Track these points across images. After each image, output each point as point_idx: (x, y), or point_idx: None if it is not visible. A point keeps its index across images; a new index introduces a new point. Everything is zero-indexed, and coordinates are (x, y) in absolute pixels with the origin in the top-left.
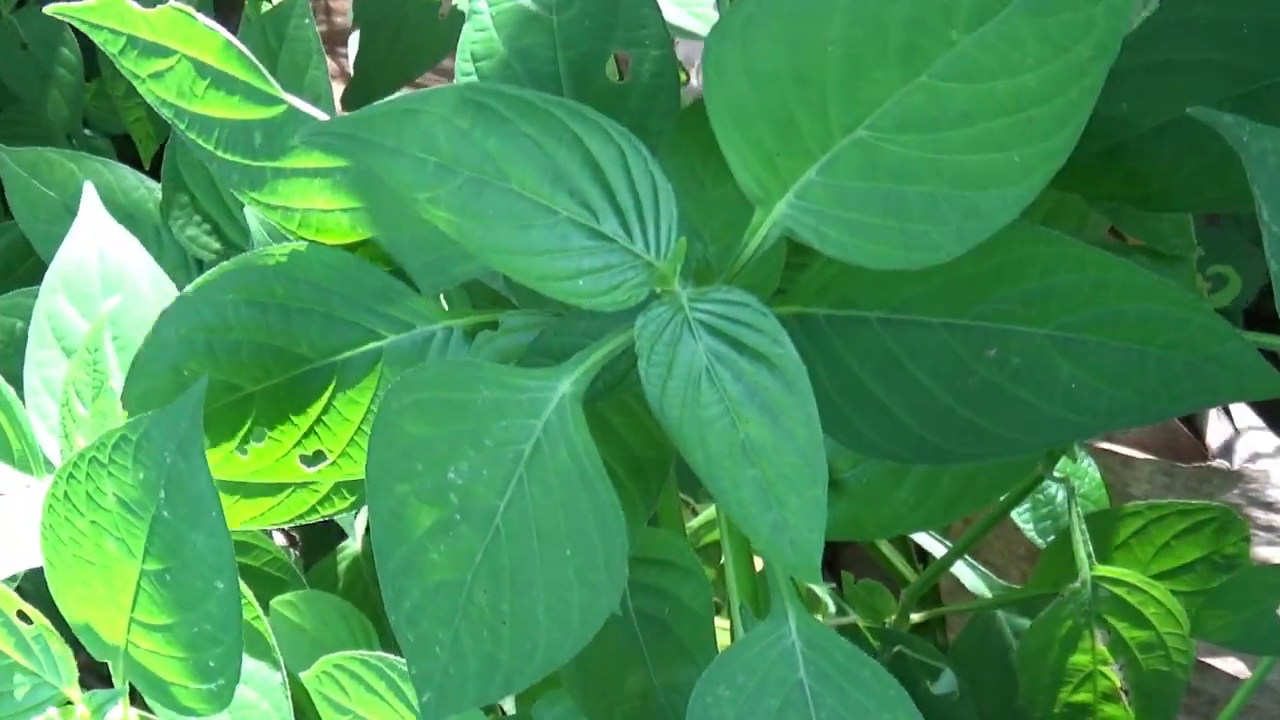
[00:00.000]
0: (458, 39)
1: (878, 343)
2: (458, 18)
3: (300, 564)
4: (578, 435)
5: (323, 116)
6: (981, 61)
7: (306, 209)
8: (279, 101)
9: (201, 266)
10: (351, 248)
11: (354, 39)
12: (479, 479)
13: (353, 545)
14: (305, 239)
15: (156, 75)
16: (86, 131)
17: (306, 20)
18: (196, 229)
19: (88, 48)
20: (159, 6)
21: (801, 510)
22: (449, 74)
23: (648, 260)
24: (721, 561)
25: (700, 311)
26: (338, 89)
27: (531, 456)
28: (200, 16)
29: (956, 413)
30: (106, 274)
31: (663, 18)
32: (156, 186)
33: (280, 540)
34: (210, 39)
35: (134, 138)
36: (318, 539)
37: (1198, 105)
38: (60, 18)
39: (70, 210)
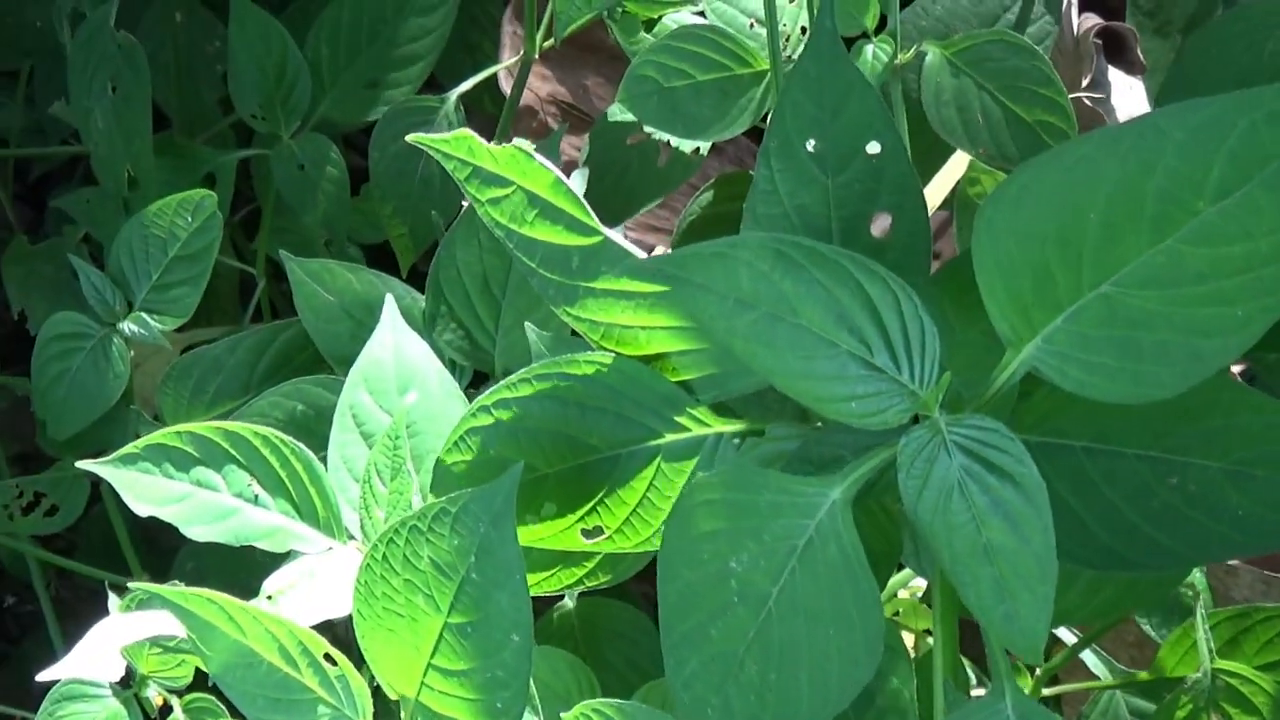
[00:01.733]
0: (673, 184)
1: (1078, 467)
2: (674, 165)
3: None
4: (846, 533)
5: (634, 250)
6: (1222, 228)
7: (610, 324)
8: (596, 233)
9: (456, 368)
10: (644, 360)
11: (576, 176)
12: (757, 568)
13: (568, 604)
14: (606, 349)
15: (494, 201)
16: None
17: (556, 162)
18: (452, 335)
19: (353, 170)
20: (503, 144)
21: (1032, 604)
22: (658, 213)
23: (912, 390)
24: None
25: (955, 434)
26: None
27: (804, 550)
28: (536, 155)
29: (1141, 529)
30: (401, 372)
31: (920, 187)
32: (419, 296)
33: None
34: (543, 175)
35: (396, 250)
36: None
37: None
38: (419, 145)
39: (347, 313)
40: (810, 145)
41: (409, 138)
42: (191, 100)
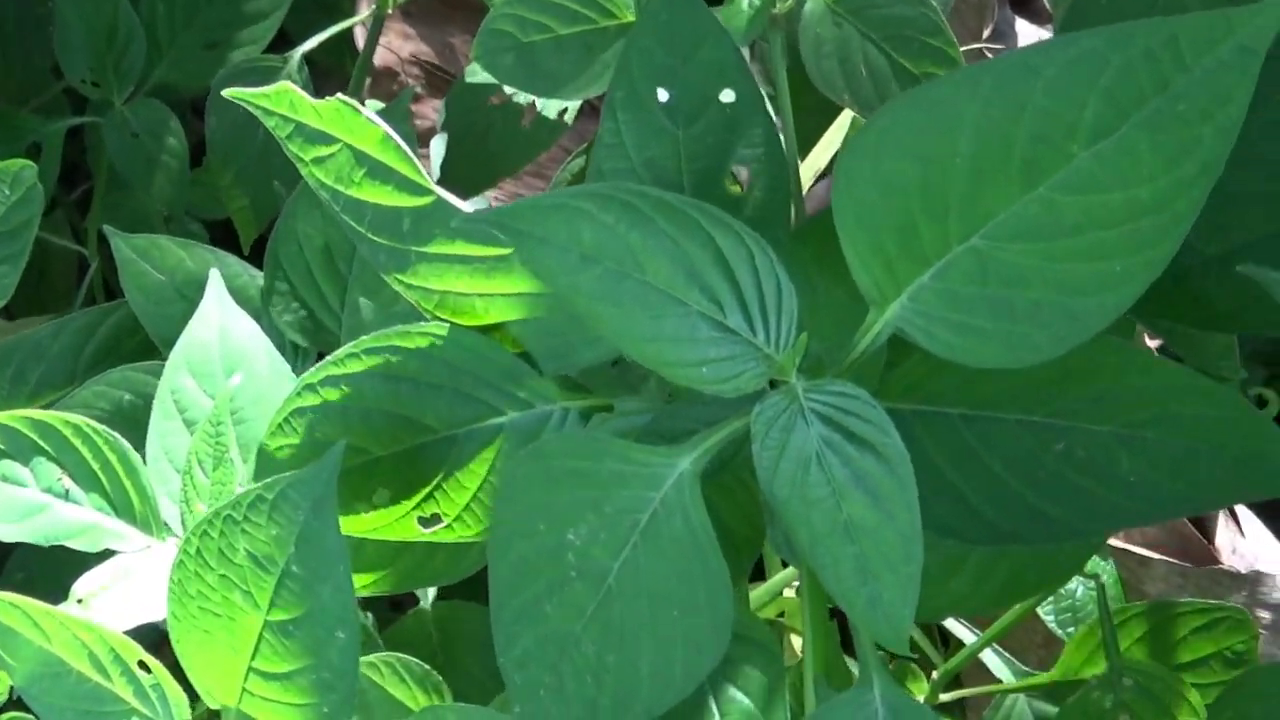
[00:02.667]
0: (538, 147)
1: (957, 436)
2: (539, 127)
3: (374, 625)
4: (693, 508)
5: (467, 209)
6: (1098, 175)
7: (445, 291)
8: (429, 192)
9: (297, 350)
10: (483, 330)
11: (435, 143)
12: (596, 541)
13: (424, 605)
14: (441, 319)
15: (319, 160)
16: (184, 216)
17: (406, 126)
18: (293, 315)
19: (193, 139)
20: (327, 99)
21: (896, 586)
22: (524, 178)
23: (768, 353)
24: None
25: (813, 401)
26: None
27: (648, 524)
28: (363, 109)
29: (1025, 499)
30: (227, 354)
31: (778, 138)
32: (257, 274)
33: None
34: (371, 131)
35: (236, 224)
36: (378, 602)
37: (1258, 234)
38: (236, 101)
39: (179, 293)
40: (660, 95)
41: (226, 92)
42: (20, 65)
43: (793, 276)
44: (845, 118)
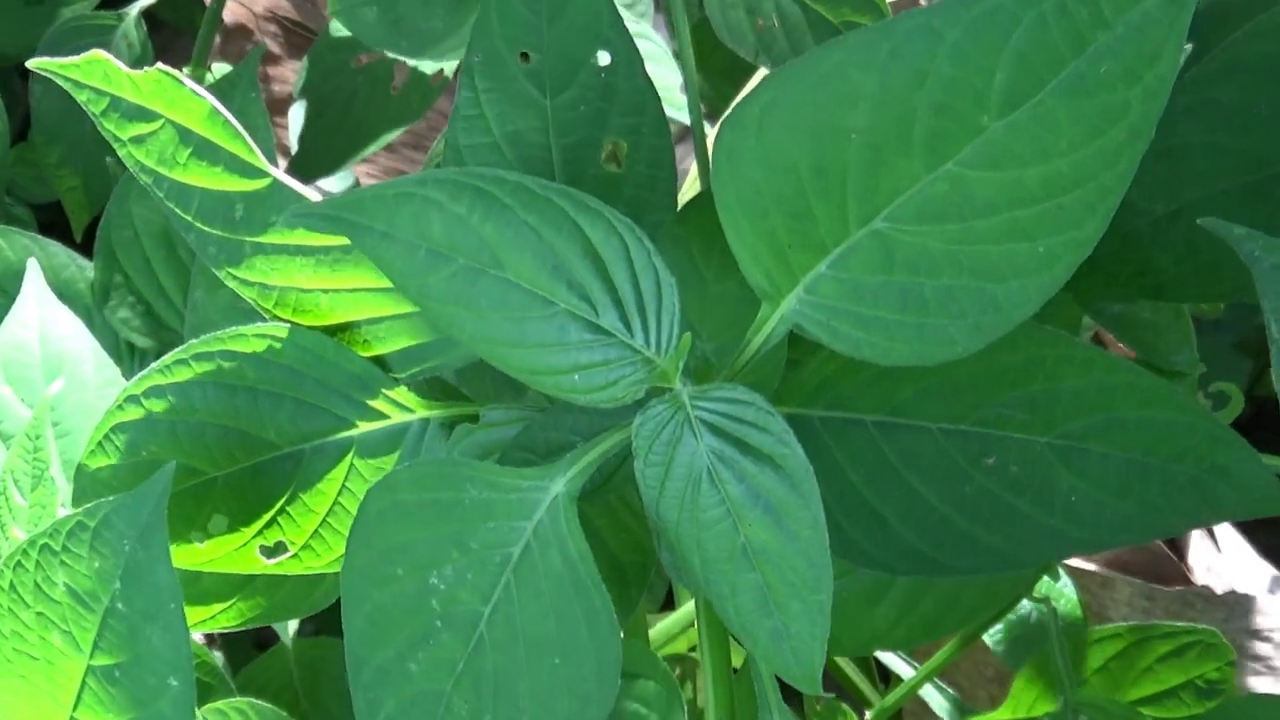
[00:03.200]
0: (410, 115)
1: (872, 447)
2: (411, 92)
3: (227, 668)
4: (571, 538)
5: (309, 193)
6: (1012, 147)
7: (285, 287)
8: (263, 174)
9: (134, 352)
10: (329, 331)
11: (295, 111)
12: (463, 584)
13: (285, 642)
14: (281, 319)
15: (138, 139)
16: (6, 199)
17: (254, 94)
18: (130, 311)
19: (15, 112)
20: (147, 69)
21: (804, 616)
22: (401, 151)
23: (648, 356)
24: (678, 673)
25: (702, 410)
26: (280, 163)
27: (520, 560)
28: (187, 81)
29: (952, 522)
30: (48, 357)
31: (660, 105)
32: (88, 265)
33: (197, 638)
34: (197, 105)
35: (66, 208)
36: (240, 638)
37: (1211, 189)
38: (43, 72)
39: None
40: (523, 58)
41: (31, 63)
42: None
43: (677, 267)
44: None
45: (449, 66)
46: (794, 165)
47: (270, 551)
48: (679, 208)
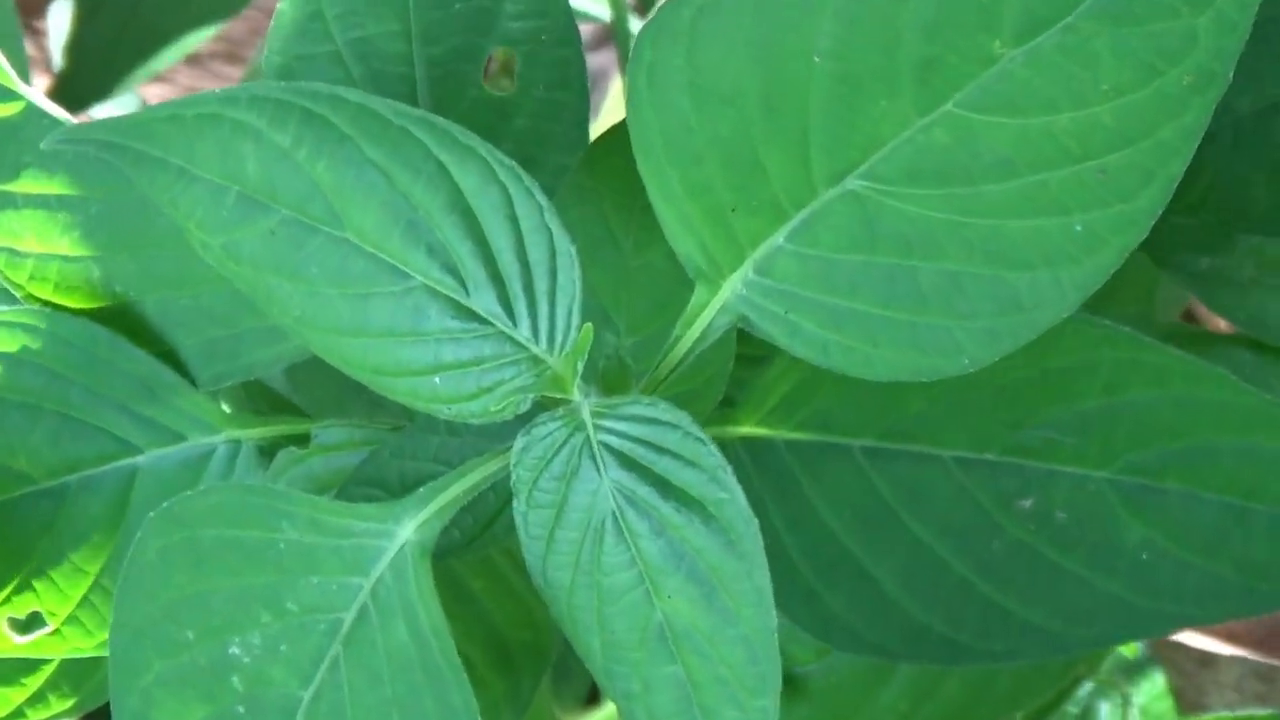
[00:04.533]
0: (220, 12)
1: (862, 483)
2: None
3: None
4: (422, 603)
5: (76, 121)
6: (1034, 86)
7: (44, 254)
8: (14, 96)
9: None
10: (104, 318)
11: (57, 10)
12: (275, 657)
13: None
14: (38, 300)
15: None
16: None
17: None
18: None
19: None
20: None
21: None
22: (210, 65)
23: (535, 354)
24: None
25: (609, 432)
26: (39, 83)
27: (353, 631)
28: None
29: (974, 589)
30: None
31: (568, 3)
32: None
33: None
34: None
35: None
36: None
37: None
38: None
39: None
40: None
41: None
42: None
43: (582, 231)
44: None
45: None
46: (737, 94)
47: (23, 626)
48: (589, 146)
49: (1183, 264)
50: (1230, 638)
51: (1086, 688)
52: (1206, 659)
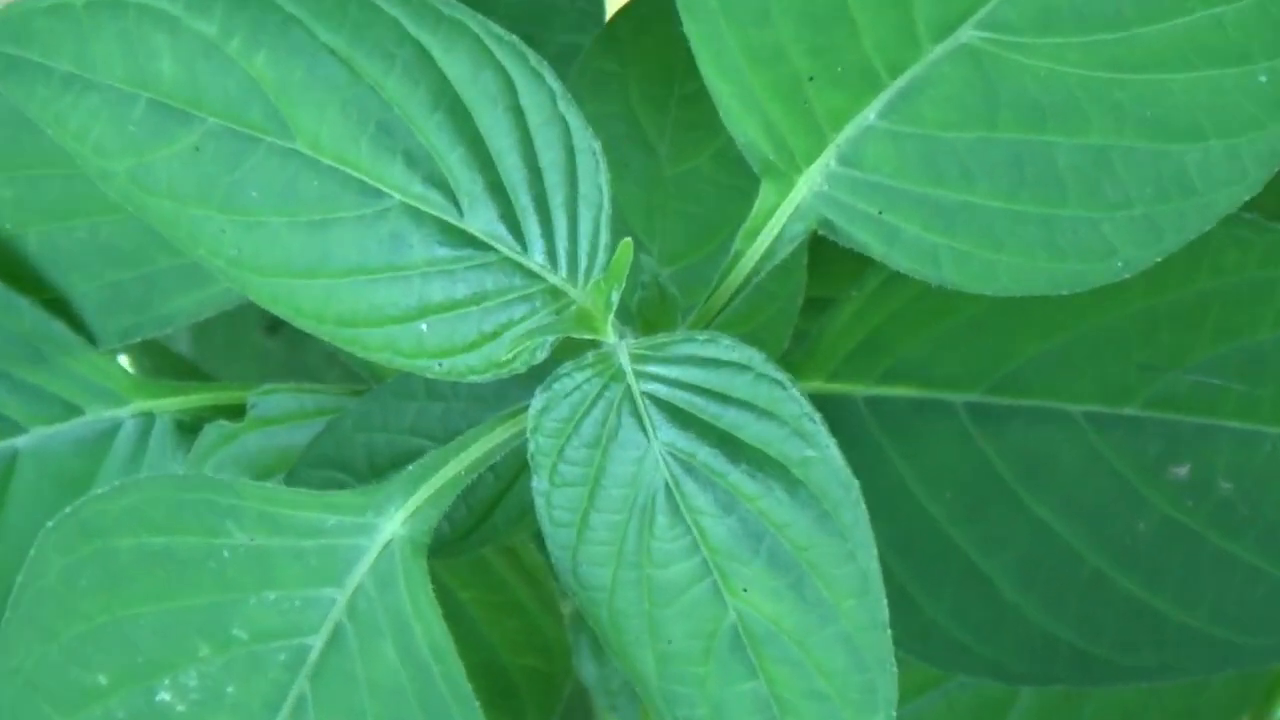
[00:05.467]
0: None
1: (966, 452)
2: None
3: None
4: (417, 617)
5: None
6: None
7: None
8: None
9: None
10: None
11: None
12: (219, 703)
13: None
14: None
15: None
16: None
17: None
18: None
19: None
20: None
21: None
22: None
23: (554, 285)
24: None
25: (655, 380)
26: None
27: (325, 659)
28: None
29: (1114, 586)
30: None
31: None
32: None
33: None
34: None
35: None
36: None
37: None
38: None
39: None
40: None
41: None
42: None
43: (606, 127)
44: None
45: None
46: None
47: None
48: (608, 22)
49: None
50: None
51: None
52: None
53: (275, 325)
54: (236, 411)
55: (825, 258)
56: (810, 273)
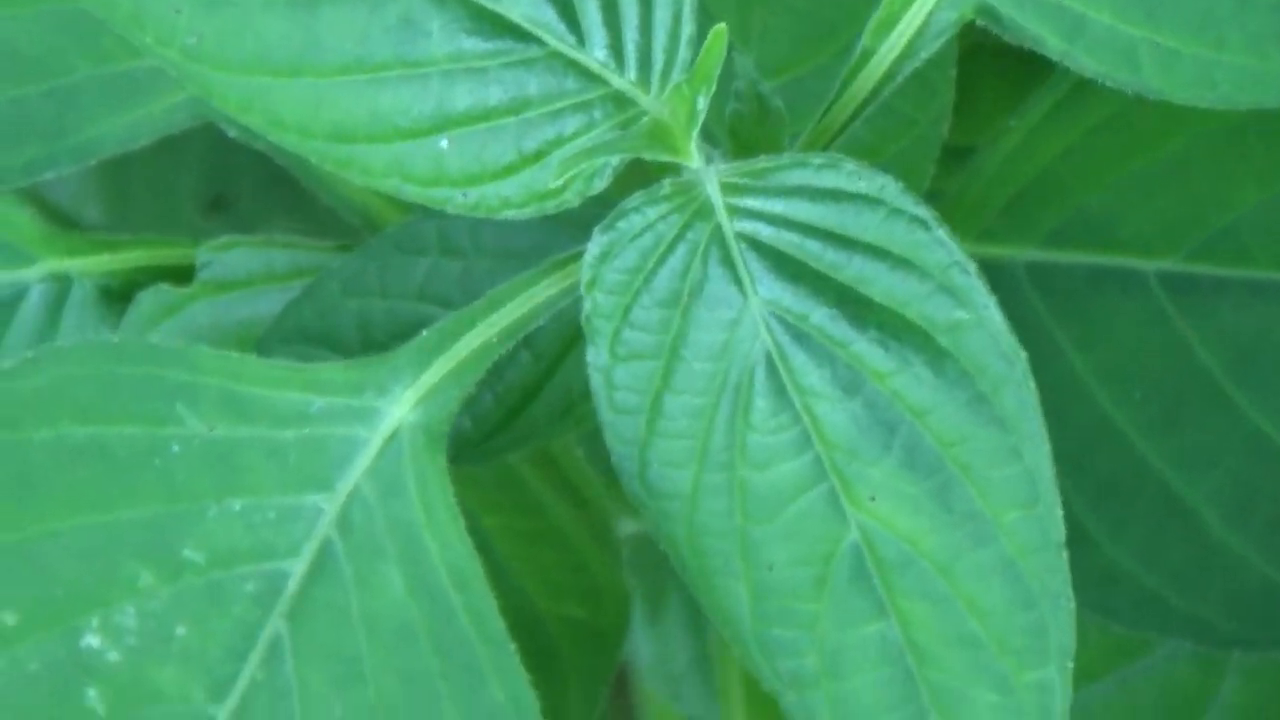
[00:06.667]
0: None
1: (1159, 337)
2: None
3: None
4: (432, 531)
5: None
6: None
7: None
8: None
9: None
10: None
11: None
12: (165, 649)
13: None
14: None
15: None
16: None
17: None
18: None
19: None
20: None
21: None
22: None
23: (619, 89)
24: None
25: (754, 217)
26: None
27: (307, 589)
28: None
29: None
30: None
31: None
32: None
33: None
34: None
35: None
36: None
37: None
38: None
39: None
40: None
41: None
42: None
43: None
44: None
45: None
46: None
47: None
48: None
49: None
50: None
51: None
52: None
53: (219, 201)
54: (182, 274)
55: (969, 95)
56: (968, 88)
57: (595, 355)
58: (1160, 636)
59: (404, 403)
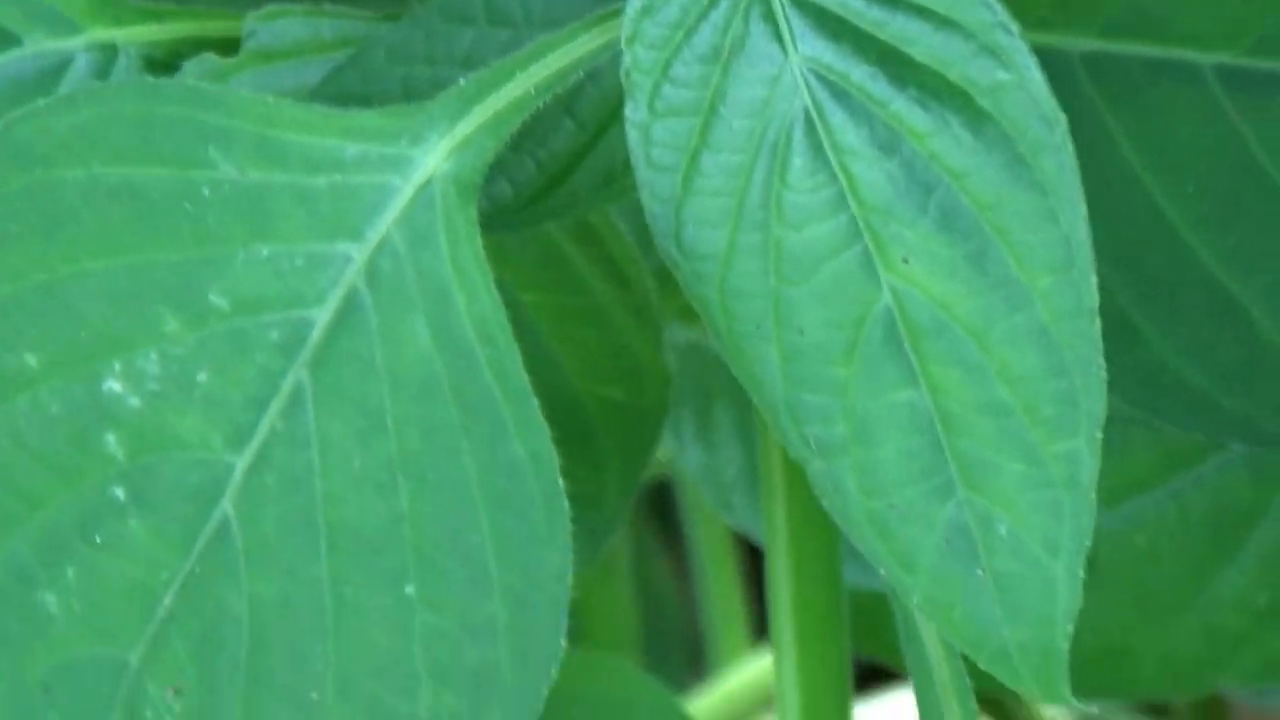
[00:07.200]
0: None
1: (1216, 131)
2: None
3: None
4: (461, 283)
5: None
6: None
7: None
8: None
9: None
10: None
11: None
12: (187, 397)
13: None
14: None
15: None
16: None
17: None
18: None
19: None
20: None
21: (1035, 494)
22: None
23: None
24: None
25: None
26: None
27: (331, 338)
28: None
29: None
30: None
31: None
32: None
33: None
34: None
35: None
36: None
37: None
38: None
39: None
40: None
41: None
42: None
43: None
44: None
45: None
46: None
47: None
48: None
49: None
50: None
51: None
52: None
53: None
54: (228, 45)
55: None
56: None
57: (634, 111)
58: (1207, 436)
59: (438, 151)
